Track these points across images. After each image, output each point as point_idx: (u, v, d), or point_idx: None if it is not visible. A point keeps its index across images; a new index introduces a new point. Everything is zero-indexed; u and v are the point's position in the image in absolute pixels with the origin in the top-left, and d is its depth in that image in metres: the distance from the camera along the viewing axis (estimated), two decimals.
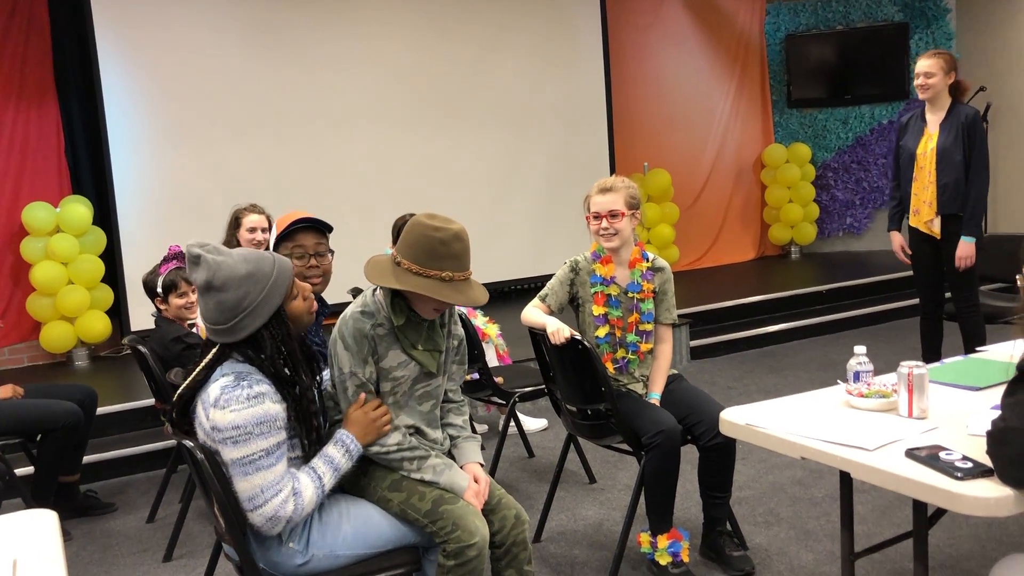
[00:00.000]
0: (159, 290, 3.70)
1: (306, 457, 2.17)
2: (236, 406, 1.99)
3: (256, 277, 2.06)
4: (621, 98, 8.06)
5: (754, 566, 3.04)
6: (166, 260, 3.80)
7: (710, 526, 3.11)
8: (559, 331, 2.93)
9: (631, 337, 3.10)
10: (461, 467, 2.37)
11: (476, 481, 2.32)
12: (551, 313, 3.12)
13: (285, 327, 2.12)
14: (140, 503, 4.12)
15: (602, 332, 3.10)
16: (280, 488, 2.05)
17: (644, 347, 3.12)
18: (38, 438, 3.71)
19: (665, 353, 3.17)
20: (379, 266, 2.27)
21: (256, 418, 2.01)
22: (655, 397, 3.08)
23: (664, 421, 2.88)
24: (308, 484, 2.11)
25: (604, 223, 3.06)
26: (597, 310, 3.10)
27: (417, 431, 2.34)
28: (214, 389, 2.03)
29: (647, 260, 3.15)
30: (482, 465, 2.40)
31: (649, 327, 3.13)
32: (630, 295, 3.11)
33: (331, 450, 2.19)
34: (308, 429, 2.16)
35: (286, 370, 2.12)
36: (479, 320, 4.57)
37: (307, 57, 6.61)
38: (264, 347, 2.09)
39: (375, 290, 2.32)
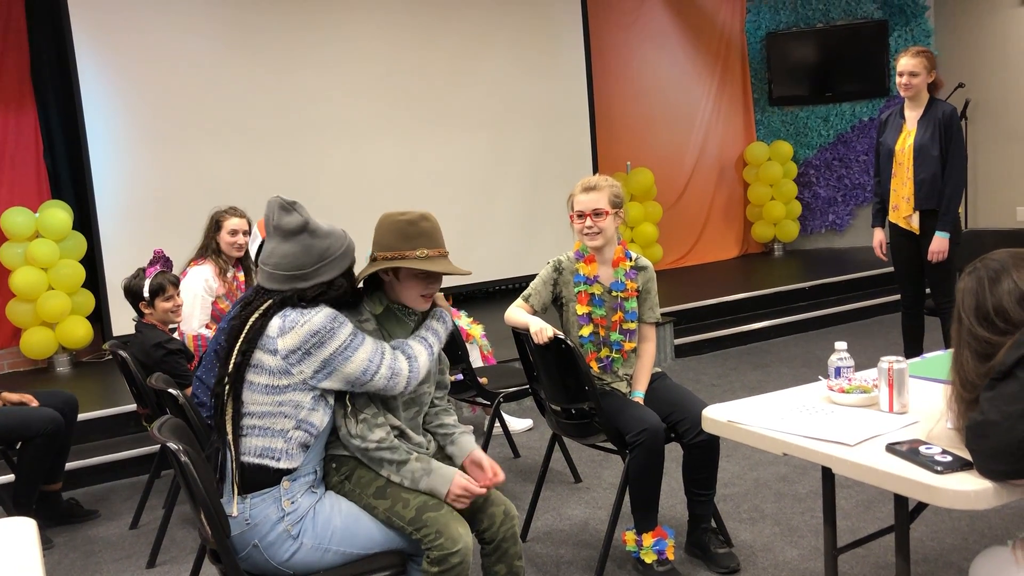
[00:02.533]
0: (145, 294, 3.68)
1: None
2: (303, 319, 2.13)
3: (337, 235, 2.27)
4: (603, 97, 8.07)
5: (739, 563, 3.05)
6: (151, 263, 3.77)
7: (695, 524, 3.11)
8: (542, 331, 2.93)
9: (615, 336, 3.10)
10: (464, 459, 2.42)
11: (481, 466, 2.38)
12: (534, 313, 3.12)
13: (353, 284, 2.28)
14: (123, 509, 4.09)
15: (586, 331, 3.10)
16: (382, 351, 2.20)
17: (628, 346, 3.12)
18: (18, 445, 3.67)
19: (649, 352, 3.17)
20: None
21: (329, 316, 2.15)
22: (639, 395, 3.08)
23: (647, 419, 2.88)
24: (419, 348, 2.29)
25: (588, 222, 3.06)
26: (581, 309, 3.10)
27: (401, 434, 2.34)
28: (273, 325, 2.15)
29: (630, 259, 3.16)
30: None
31: (633, 326, 3.13)
32: (614, 294, 3.11)
33: (432, 323, 2.38)
34: None
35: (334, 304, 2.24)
36: (463, 321, 4.57)
37: (287, 59, 6.58)
38: (331, 290, 2.21)
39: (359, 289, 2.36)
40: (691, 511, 3.11)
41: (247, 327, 2.18)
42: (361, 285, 2.35)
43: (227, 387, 2.17)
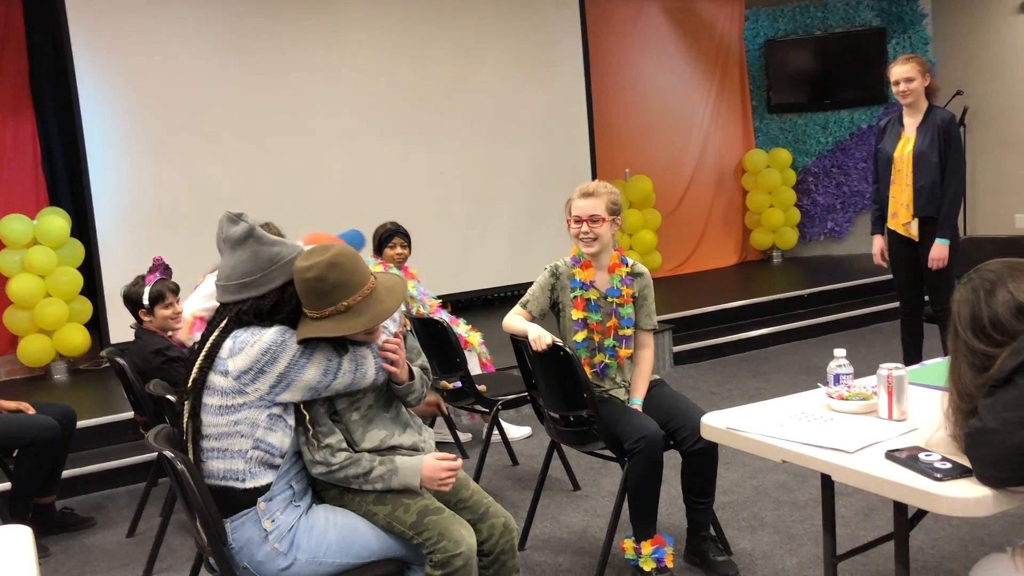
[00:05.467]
0: (144, 302, 3.68)
1: None
2: (253, 339, 2.11)
3: (286, 244, 2.24)
4: (602, 105, 8.08)
5: (738, 571, 3.04)
6: (151, 271, 3.77)
7: (694, 531, 3.10)
8: (541, 337, 2.92)
9: (609, 342, 3.10)
10: None
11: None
12: (533, 319, 3.11)
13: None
14: (120, 517, 4.07)
15: (580, 336, 3.09)
16: (338, 358, 2.16)
17: (623, 352, 3.11)
18: (15, 453, 3.66)
19: (647, 359, 3.16)
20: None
21: (279, 332, 2.12)
22: (637, 403, 3.07)
23: (646, 427, 2.88)
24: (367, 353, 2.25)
25: (585, 227, 3.06)
26: (576, 314, 3.10)
27: (391, 449, 2.30)
28: (225, 347, 2.14)
29: (626, 265, 3.15)
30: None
31: (628, 332, 3.12)
32: (609, 300, 3.11)
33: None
34: None
35: (289, 321, 2.19)
36: (461, 328, 4.56)
37: (286, 66, 6.58)
38: (285, 301, 2.17)
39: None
40: (690, 519, 3.10)
41: (208, 346, 2.16)
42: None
43: (186, 407, 2.14)
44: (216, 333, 2.17)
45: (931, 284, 4.51)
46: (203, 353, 2.16)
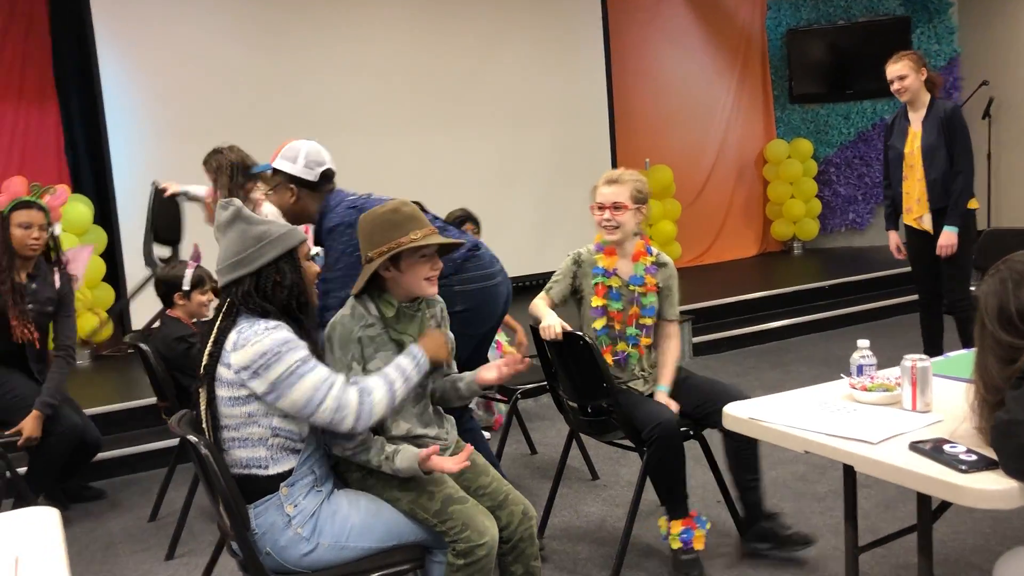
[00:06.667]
0: (186, 286, 3.73)
1: None
2: (256, 338, 2.08)
3: (275, 223, 2.24)
4: (622, 94, 8.04)
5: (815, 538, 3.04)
6: (193, 258, 3.85)
7: (752, 515, 3.05)
8: (550, 326, 2.91)
9: (631, 331, 3.08)
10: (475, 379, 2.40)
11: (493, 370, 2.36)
12: (554, 305, 3.11)
13: (299, 269, 2.21)
14: (142, 502, 4.11)
15: (599, 324, 3.08)
16: (332, 381, 2.12)
17: (644, 341, 3.10)
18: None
19: (673, 348, 3.14)
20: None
21: (279, 340, 2.09)
22: (663, 389, 3.06)
23: (660, 414, 2.86)
24: (378, 384, 2.18)
25: (607, 214, 3.05)
26: (596, 301, 3.09)
27: (416, 438, 2.32)
28: (231, 338, 2.12)
29: (651, 254, 3.14)
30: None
31: (650, 321, 3.11)
32: (631, 288, 3.09)
33: (402, 360, 2.25)
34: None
35: (295, 305, 2.19)
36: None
37: (307, 56, 6.60)
38: (283, 276, 2.16)
39: (362, 293, 2.34)
40: (744, 502, 3.05)
41: (214, 332, 2.15)
42: (360, 290, 2.31)
43: (202, 395, 2.15)
44: (221, 319, 2.16)
45: (945, 275, 4.50)
46: (211, 340, 2.16)
